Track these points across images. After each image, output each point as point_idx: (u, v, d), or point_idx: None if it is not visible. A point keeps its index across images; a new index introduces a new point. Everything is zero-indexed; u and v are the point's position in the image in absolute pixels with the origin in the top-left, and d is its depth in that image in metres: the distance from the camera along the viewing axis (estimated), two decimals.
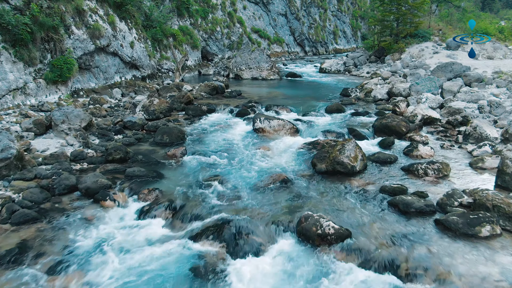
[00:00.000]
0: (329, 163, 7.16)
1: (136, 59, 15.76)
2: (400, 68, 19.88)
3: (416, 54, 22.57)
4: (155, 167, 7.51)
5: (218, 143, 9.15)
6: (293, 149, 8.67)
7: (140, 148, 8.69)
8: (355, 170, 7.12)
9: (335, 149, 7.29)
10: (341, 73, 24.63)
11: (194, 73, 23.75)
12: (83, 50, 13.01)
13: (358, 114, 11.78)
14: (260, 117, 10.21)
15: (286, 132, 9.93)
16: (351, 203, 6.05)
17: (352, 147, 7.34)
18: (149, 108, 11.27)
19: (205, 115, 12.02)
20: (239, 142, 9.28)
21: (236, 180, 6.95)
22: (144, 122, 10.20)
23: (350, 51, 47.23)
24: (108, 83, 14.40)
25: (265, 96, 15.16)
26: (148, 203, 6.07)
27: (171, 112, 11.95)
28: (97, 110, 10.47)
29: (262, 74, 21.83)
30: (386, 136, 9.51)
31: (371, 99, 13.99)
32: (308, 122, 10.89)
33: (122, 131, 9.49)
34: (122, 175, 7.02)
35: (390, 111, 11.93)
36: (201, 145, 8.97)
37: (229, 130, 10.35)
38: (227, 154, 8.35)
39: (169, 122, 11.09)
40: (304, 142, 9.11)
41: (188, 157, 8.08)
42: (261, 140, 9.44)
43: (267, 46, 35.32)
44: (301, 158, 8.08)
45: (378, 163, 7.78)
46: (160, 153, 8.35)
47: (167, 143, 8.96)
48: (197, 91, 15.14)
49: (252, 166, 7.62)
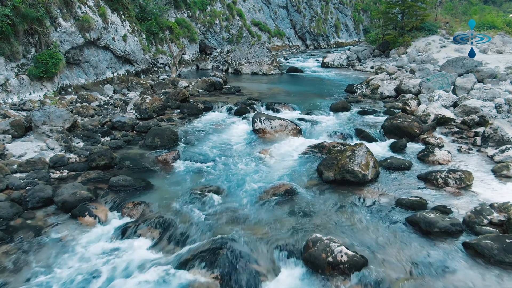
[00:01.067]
0: (338, 171, 6.40)
1: (129, 53, 14.93)
2: (406, 63, 19.05)
3: (423, 48, 21.71)
4: (143, 175, 6.75)
5: (214, 146, 8.38)
6: (297, 153, 7.91)
7: (129, 152, 7.92)
8: (366, 179, 6.37)
9: (344, 156, 6.52)
10: (344, 68, 23.79)
11: (191, 68, 22.89)
12: (71, 43, 12.18)
13: (365, 113, 11.00)
14: (260, 116, 9.43)
15: (288, 133, 9.16)
16: (365, 220, 5.29)
17: (363, 153, 6.57)
18: (141, 107, 10.48)
19: (202, 114, 11.24)
20: (237, 144, 8.51)
21: (233, 190, 6.20)
22: (135, 122, 9.42)
23: (352, 44, 46.31)
24: (99, 79, 13.58)
25: (265, 93, 14.36)
26: (133, 220, 5.32)
27: (165, 110, 11.16)
28: (83, 109, 9.66)
29: (262, 69, 20.98)
30: (397, 138, 8.76)
31: (378, 96, 13.20)
32: (311, 121, 10.12)
33: (110, 133, 8.71)
34: (106, 185, 6.26)
35: (400, 110, 11.15)
36: (195, 149, 8.20)
37: (227, 131, 9.58)
38: (223, 159, 7.59)
39: (162, 121, 10.32)
40: (308, 144, 8.35)
41: (181, 163, 7.32)
42: (261, 142, 8.68)
43: (268, 39, 34.38)
44: (306, 164, 7.32)
45: (391, 170, 7.02)
46: (150, 158, 7.59)
47: (159, 146, 8.19)
48: (193, 87, 14.33)
49: (251, 173, 6.86)
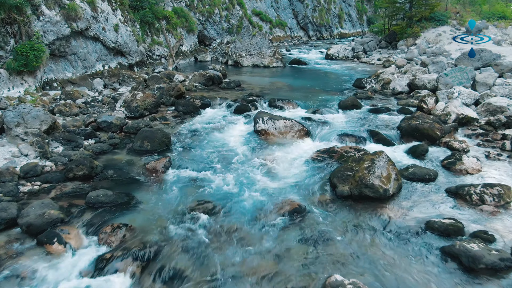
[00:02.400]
0: (354, 185, 5.47)
1: (121, 44, 13.89)
2: (416, 55, 17.98)
3: (433, 40, 20.61)
4: (127, 188, 5.83)
5: (211, 150, 7.44)
6: (304, 160, 6.97)
7: (114, 158, 6.98)
8: (388, 195, 5.44)
9: (362, 166, 5.58)
10: (350, 60, 22.71)
11: (189, 60, 21.83)
12: (56, 34, 11.16)
13: (377, 111, 10.03)
14: (263, 116, 8.48)
15: (294, 135, 8.22)
16: (391, 250, 4.38)
17: (383, 163, 5.63)
18: (131, 104, 9.51)
19: (198, 112, 10.27)
20: (237, 148, 7.57)
21: (231, 209, 5.28)
22: (123, 122, 8.46)
23: (355, 35, 45.01)
24: (88, 72, 12.58)
25: (267, 88, 13.37)
26: (111, 249, 4.41)
27: (158, 108, 10.19)
28: (66, 107, 8.69)
29: (264, 61, 19.92)
30: (416, 141, 7.82)
31: (390, 91, 12.21)
32: (319, 121, 9.16)
33: (94, 135, 7.76)
34: (83, 201, 5.34)
35: (415, 108, 10.19)
36: (189, 154, 7.26)
37: (226, 132, 8.63)
38: (221, 166, 6.66)
39: (154, 120, 9.37)
40: (317, 149, 7.41)
41: (172, 172, 6.38)
42: (264, 145, 7.74)
43: (269, 30, 33.18)
44: (316, 174, 6.38)
45: (414, 181, 6.09)
46: (138, 166, 6.65)
47: (148, 151, 7.25)
48: (190, 81, 13.33)
49: (252, 185, 5.93)
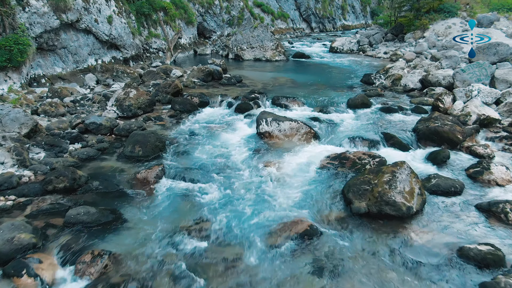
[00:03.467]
0: (373, 202, 4.77)
1: (115, 37, 13.11)
2: (426, 49, 17.16)
3: (442, 32, 19.74)
4: (114, 203, 5.14)
5: (209, 156, 6.74)
6: (313, 168, 6.27)
7: (101, 166, 6.28)
8: (411, 213, 4.75)
9: (382, 180, 4.88)
10: (355, 53, 21.88)
11: (188, 53, 21.03)
12: (44, 26, 10.40)
13: (389, 111, 9.29)
14: (267, 117, 7.76)
15: (301, 138, 7.51)
16: (419, 284, 3.70)
17: (406, 176, 4.93)
18: (124, 103, 8.79)
19: (197, 111, 9.55)
20: (238, 154, 6.87)
21: (232, 230, 4.59)
22: (114, 124, 7.75)
23: (359, 27, 44.03)
24: (80, 67, 11.84)
25: (270, 84, 12.62)
26: (89, 282, 3.74)
27: (153, 106, 9.47)
28: (52, 107, 7.97)
29: (266, 55, 19.12)
30: (435, 145, 7.13)
31: (401, 88, 11.45)
32: (327, 122, 8.44)
33: (81, 138, 7.06)
34: (62, 220, 4.66)
35: (430, 107, 9.46)
36: (185, 160, 6.56)
37: (226, 134, 7.92)
38: (220, 176, 5.97)
39: (149, 121, 8.66)
40: (327, 154, 6.70)
41: (166, 183, 5.69)
42: (267, 150, 7.04)
43: (271, 22, 32.26)
44: (326, 185, 5.69)
45: (439, 194, 5.39)
46: (127, 175, 5.96)
47: (140, 157, 6.55)
48: (188, 77, 12.58)
49: (255, 199, 5.24)
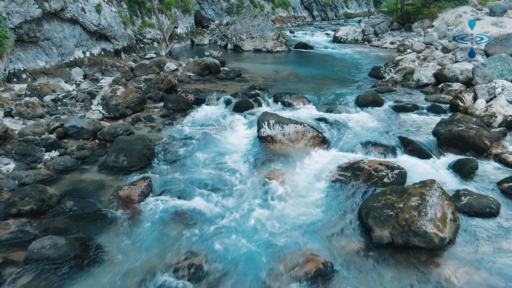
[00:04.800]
0: (399, 232, 3.97)
1: (105, 27, 12.17)
2: (436, 39, 16.22)
3: (452, 21, 18.74)
4: (89, 229, 4.34)
5: (203, 166, 5.92)
6: (323, 181, 5.46)
7: (80, 179, 5.46)
8: (444, 243, 3.96)
9: (408, 205, 4.07)
10: (359, 43, 20.92)
11: (185, 43, 20.03)
12: (24, 16, 9.46)
13: (403, 110, 8.45)
14: (269, 119, 6.92)
15: (307, 143, 6.68)
16: None
17: (437, 199, 4.12)
18: (110, 102, 7.92)
19: (191, 109, 8.71)
20: (236, 163, 6.05)
21: (228, 267, 3.79)
22: (97, 127, 6.90)
23: (361, 15, 42.79)
24: (65, 60, 10.93)
25: (271, 78, 11.72)
26: None
27: (144, 104, 8.61)
28: (28, 107, 7.11)
29: (267, 45, 18.16)
30: (458, 152, 6.34)
31: (414, 83, 10.57)
32: (336, 123, 7.61)
33: (58, 145, 6.21)
34: (24, 253, 3.87)
35: (448, 105, 8.62)
36: (176, 172, 5.73)
37: (223, 138, 7.09)
38: (215, 193, 5.16)
39: (138, 121, 7.83)
40: (338, 164, 5.89)
41: (152, 202, 4.88)
42: (270, 157, 6.21)
43: (271, 10, 31.09)
44: (340, 205, 4.88)
45: (471, 215, 4.60)
46: (109, 191, 5.14)
47: (125, 168, 5.72)
48: (183, 70, 11.68)
49: (257, 226, 4.44)
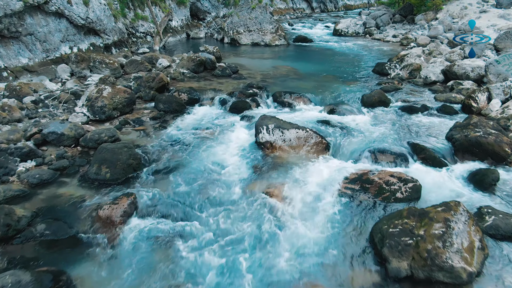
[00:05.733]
0: (420, 265, 3.41)
1: (93, 21, 11.47)
2: (441, 32, 15.58)
3: (457, 13, 18.07)
4: (61, 259, 3.76)
5: (195, 178, 5.33)
6: (328, 196, 4.89)
7: (56, 195, 4.87)
8: (472, 279, 3.41)
9: (430, 232, 3.51)
10: (361, 37, 20.26)
11: (180, 37, 19.32)
12: (3, 9, 8.77)
13: (412, 110, 7.86)
14: (268, 123, 6.32)
15: (310, 149, 6.10)
16: None
17: (463, 225, 3.56)
18: (96, 103, 7.30)
19: (185, 111, 8.10)
20: (232, 173, 5.47)
21: None
22: (79, 132, 6.29)
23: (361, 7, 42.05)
24: (51, 56, 10.26)
25: (270, 74, 11.10)
26: None
27: (133, 105, 8.00)
28: (4, 111, 6.46)
29: (265, 39, 17.47)
30: (475, 159, 5.77)
31: (421, 81, 9.96)
32: (340, 126, 7.02)
33: (35, 154, 5.62)
34: None
35: (459, 105, 8.05)
36: (165, 185, 5.15)
37: (218, 143, 6.50)
38: (208, 211, 4.59)
39: (126, 125, 7.23)
40: (345, 175, 5.31)
41: (136, 223, 4.31)
42: (269, 167, 5.64)
43: (269, 1, 30.27)
44: (349, 226, 4.32)
45: (498, 239, 4.04)
46: (88, 209, 4.56)
47: (108, 181, 5.14)
48: (177, 67, 11.03)
49: (254, 252, 3.87)
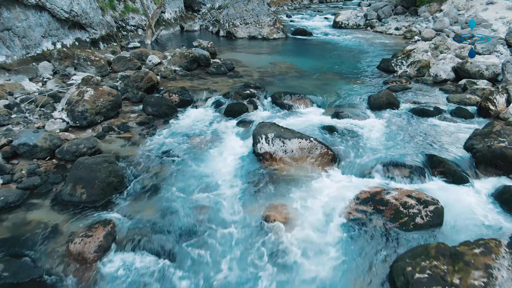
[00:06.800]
0: None
1: (78, 14, 10.67)
2: (447, 25, 14.86)
3: (463, 5, 17.34)
4: None
5: (184, 200, 4.66)
6: (338, 221, 4.25)
7: (23, 222, 4.20)
8: None
9: (467, 282, 2.87)
10: (362, 29, 19.50)
11: (174, 29, 18.48)
12: None
13: (424, 114, 7.20)
14: (267, 131, 5.65)
15: (314, 162, 5.45)
16: None
17: (506, 273, 2.92)
18: (76, 108, 6.59)
19: (175, 114, 7.41)
20: (226, 192, 4.81)
21: None
22: (55, 143, 5.59)
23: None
24: (31, 53, 9.49)
25: (268, 72, 10.38)
26: None
27: (118, 108, 7.29)
28: None
29: (263, 32, 16.69)
30: (500, 173, 5.16)
31: (430, 79, 9.29)
32: (347, 133, 6.36)
33: (1, 170, 4.93)
34: None
35: (474, 107, 7.41)
36: (150, 209, 4.48)
37: (212, 154, 5.84)
38: (199, 242, 3.94)
39: (110, 131, 6.53)
40: (355, 195, 4.67)
41: (114, 260, 3.65)
42: (268, 183, 4.99)
43: None
44: (364, 261, 3.69)
45: None
46: (58, 241, 3.89)
47: (83, 203, 4.47)
48: (168, 63, 10.29)
49: None
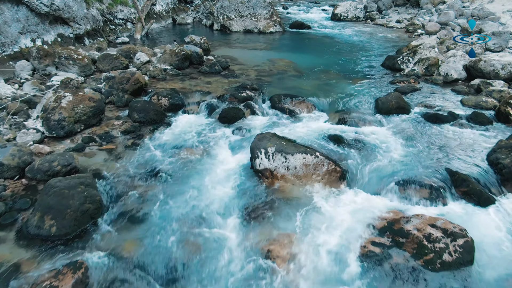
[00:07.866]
0: None
1: (60, 8, 9.85)
2: (452, 19, 14.20)
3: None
4: None
5: (171, 229, 4.01)
6: (351, 258, 3.64)
7: None
8: None
9: None
10: (361, 22, 18.79)
11: (166, 22, 17.63)
12: None
13: (437, 119, 6.56)
14: (267, 146, 5.00)
15: (321, 180, 4.82)
16: None
17: None
18: (52, 116, 5.88)
19: (164, 121, 6.70)
20: (220, 221, 4.16)
21: None
22: (25, 160, 4.90)
23: None
24: (8, 51, 8.70)
25: (266, 71, 9.67)
26: None
27: (101, 115, 6.58)
28: None
29: (259, 25, 15.92)
30: None
31: (441, 78, 8.64)
32: (354, 144, 5.72)
33: None
34: None
35: (493, 111, 6.79)
36: (130, 242, 3.81)
37: (204, 169, 5.17)
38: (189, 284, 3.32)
39: (91, 142, 5.84)
40: (369, 222, 4.06)
41: None
42: (269, 207, 4.35)
43: None
44: None
45: None
46: None
47: (53, 237, 3.80)
48: (158, 62, 9.54)
49: None
